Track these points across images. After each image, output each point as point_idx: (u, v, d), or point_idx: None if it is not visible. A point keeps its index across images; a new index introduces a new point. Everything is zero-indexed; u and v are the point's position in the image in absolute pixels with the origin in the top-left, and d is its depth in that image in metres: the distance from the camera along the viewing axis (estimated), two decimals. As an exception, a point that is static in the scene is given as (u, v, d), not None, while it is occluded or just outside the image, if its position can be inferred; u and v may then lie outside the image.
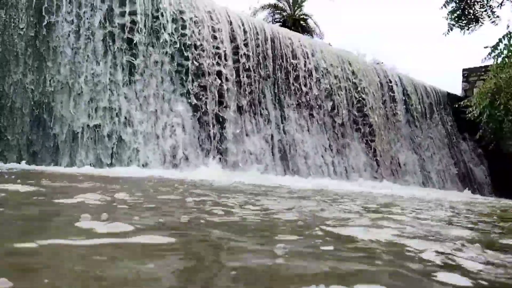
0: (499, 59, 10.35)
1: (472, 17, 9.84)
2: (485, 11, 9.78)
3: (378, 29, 59.18)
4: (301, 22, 27.78)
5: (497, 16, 9.84)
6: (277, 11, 28.24)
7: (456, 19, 9.97)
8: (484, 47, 10.33)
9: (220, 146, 11.02)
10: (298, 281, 1.23)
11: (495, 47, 9.87)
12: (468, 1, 9.77)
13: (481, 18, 9.85)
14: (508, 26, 10.23)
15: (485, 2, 9.72)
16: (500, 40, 9.82)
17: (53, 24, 9.51)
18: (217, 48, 11.57)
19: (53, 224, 2.01)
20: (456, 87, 21.24)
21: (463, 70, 20.62)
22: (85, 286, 1.10)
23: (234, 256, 1.57)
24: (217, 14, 11.99)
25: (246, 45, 12.39)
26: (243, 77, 12.12)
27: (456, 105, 18.29)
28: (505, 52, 9.88)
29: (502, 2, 9.68)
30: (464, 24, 9.95)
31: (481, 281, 1.40)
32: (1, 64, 9.04)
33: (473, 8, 9.83)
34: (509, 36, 9.41)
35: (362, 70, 16.14)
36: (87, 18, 9.78)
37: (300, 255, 1.61)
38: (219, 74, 11.45)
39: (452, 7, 9.95)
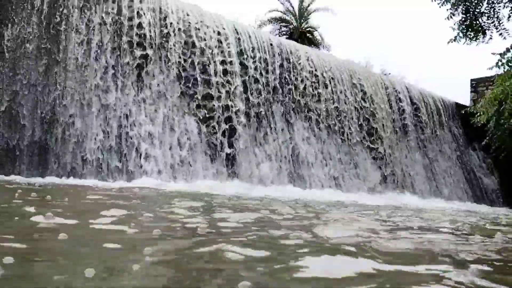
0: (506, 67, 10.34)
1: (480, 29, 9.86)
2: (492, 22, 9.80)
3: (385, 41, 59.29)
4: (308, 35, 27.94)
5: (505, 28, 9.85)
6: (284, 24, 28.44)
7: (464, 30, 10.00)
8: (492, 53, 10.34)
9: (229, 160, 11.05)
10: None
11: (502, 56, 9.88)
12: (476, 12, 9.81)
13: (489, 30, 9.87)
14: None
15: (492, 13, 9.75)
16: (508, 49, 9.84)
17: (63, 39, 9.70)
18: (225, 63, 11.67)
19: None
20: (464, 97, 21.15)
21: (471, 80, 20.54)
22: None
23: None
24: (225, 29, 12.12)
25: (254, 59, 12.49)
26: (251, 90, 12.20)
27: (463, 111, 18.27)
28: None
29: (510, 15, 9.72)
30: (471, 36, 9.97)
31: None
32: (11, 77, 9.21)
33: (481, 20, 9.86)
34: None
35: (370, 81, 16.16)
36: (96, 35, 9.96)
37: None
38: (227, 87, 11.53)
39: (460, 19, 9.99)
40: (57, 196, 4.90)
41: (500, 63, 9.99)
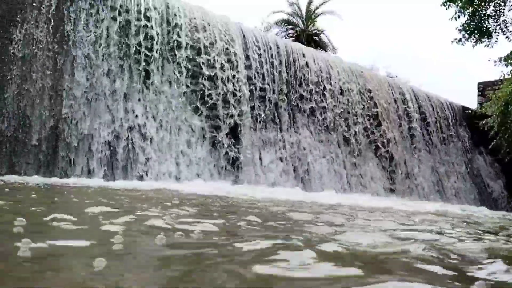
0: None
1: (485, 31, 9.83)
2: (498, 25, 9.77)
3: (388, 43, 59.20)
4: (314, 37, 27.94)
5: (511, 31, 9.82)
6: (290, 27, 28.48)
7: (469, 32, 9.98)
8: (499, 58, 10.34)
9: (234, 163, 11.10)
10: None
11: (508, 57, 9.87)
12: (482, 15, 9.78)
13: (495, 33, 9.85)
14: None
15: (498, 16, 9.73)
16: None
17: (71, 40, 9.81)
18: (231, 65, 11.72)
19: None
20: (471, 101, 21.08)
21: (478, 83, 20.48)
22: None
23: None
24: (231, 31, 12.18)
25: (260, 62, 12.53)
26: (257, 93, 12.24)
27: (469, 111, 18.22)
28: None
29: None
30: (477, 38, 9.94)
31: None
32: (20, 77, 9.31)
33: (487, 22, 9.82)
34: None
35: (376, 85, 16.14)
36: (104, 36, 10.06)
37: None
38: (233, 90, 11.58)
39: (465, 20, 9.97)
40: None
41: (507, 62, 9.96)
